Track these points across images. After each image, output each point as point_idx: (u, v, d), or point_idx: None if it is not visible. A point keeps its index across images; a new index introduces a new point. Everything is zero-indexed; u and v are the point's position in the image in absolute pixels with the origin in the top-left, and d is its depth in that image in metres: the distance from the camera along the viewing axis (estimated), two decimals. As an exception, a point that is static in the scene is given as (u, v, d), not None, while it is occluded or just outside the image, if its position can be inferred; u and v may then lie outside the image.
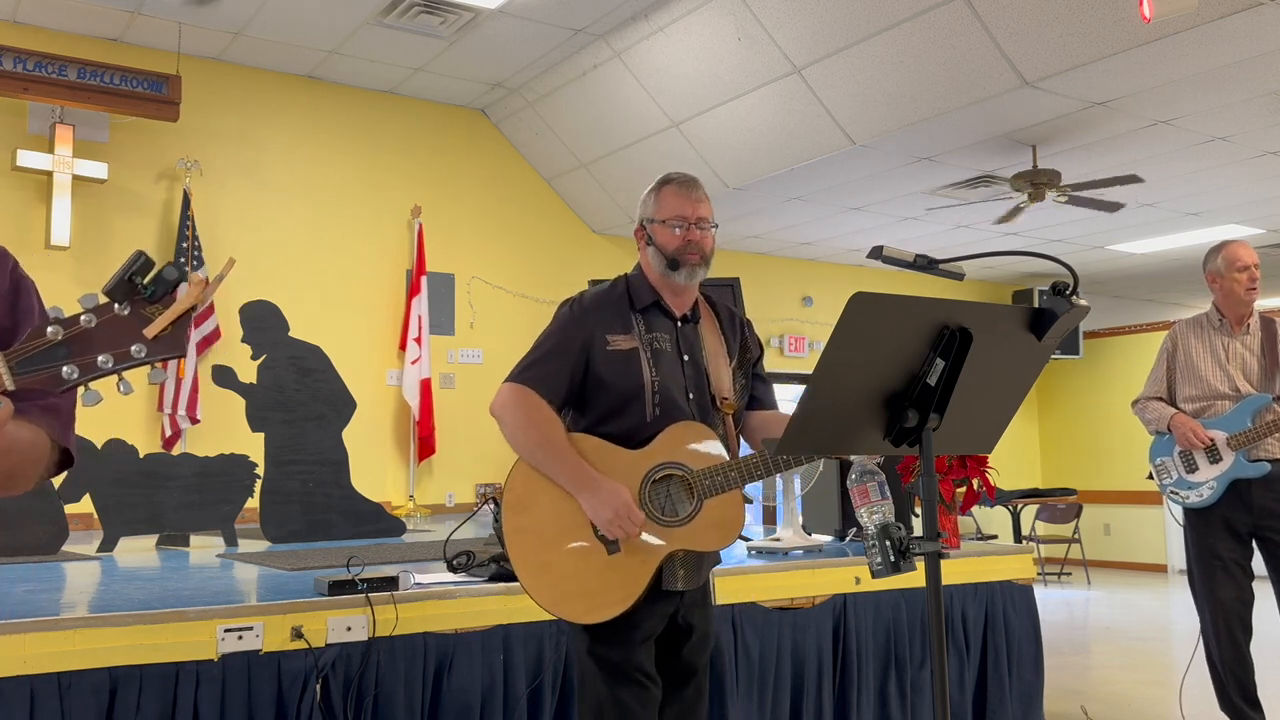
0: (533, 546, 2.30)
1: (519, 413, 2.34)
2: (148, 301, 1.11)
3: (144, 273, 1.11)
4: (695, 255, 2.41)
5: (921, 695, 3.73)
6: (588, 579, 2.27)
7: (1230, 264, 3.92)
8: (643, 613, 2.29)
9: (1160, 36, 4.84)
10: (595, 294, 2.47)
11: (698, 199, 2.45)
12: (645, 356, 2.39)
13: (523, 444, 2.35)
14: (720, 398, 2.45)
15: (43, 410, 1.30)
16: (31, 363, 1.08)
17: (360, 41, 6.79)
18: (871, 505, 1.94)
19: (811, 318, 9.80)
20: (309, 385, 4.82)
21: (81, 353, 1.09)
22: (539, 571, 2.28)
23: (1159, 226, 8.58)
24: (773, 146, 6.71)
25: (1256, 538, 3.86)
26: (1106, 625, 7.54)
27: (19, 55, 6.11)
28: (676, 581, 2.34)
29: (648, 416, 2.35)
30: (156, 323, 1.10)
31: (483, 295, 7.99)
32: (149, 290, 1.11)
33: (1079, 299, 1.81)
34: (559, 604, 2.27)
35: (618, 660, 2.28)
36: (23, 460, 1.27)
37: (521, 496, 2.34)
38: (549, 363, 2.38)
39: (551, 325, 2.45)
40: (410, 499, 7.46)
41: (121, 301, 1.10)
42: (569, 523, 2.29)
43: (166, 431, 6.59)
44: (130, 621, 2.50)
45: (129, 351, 1.10)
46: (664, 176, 2.50)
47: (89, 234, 6.39)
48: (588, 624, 2.28)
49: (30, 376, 1.08)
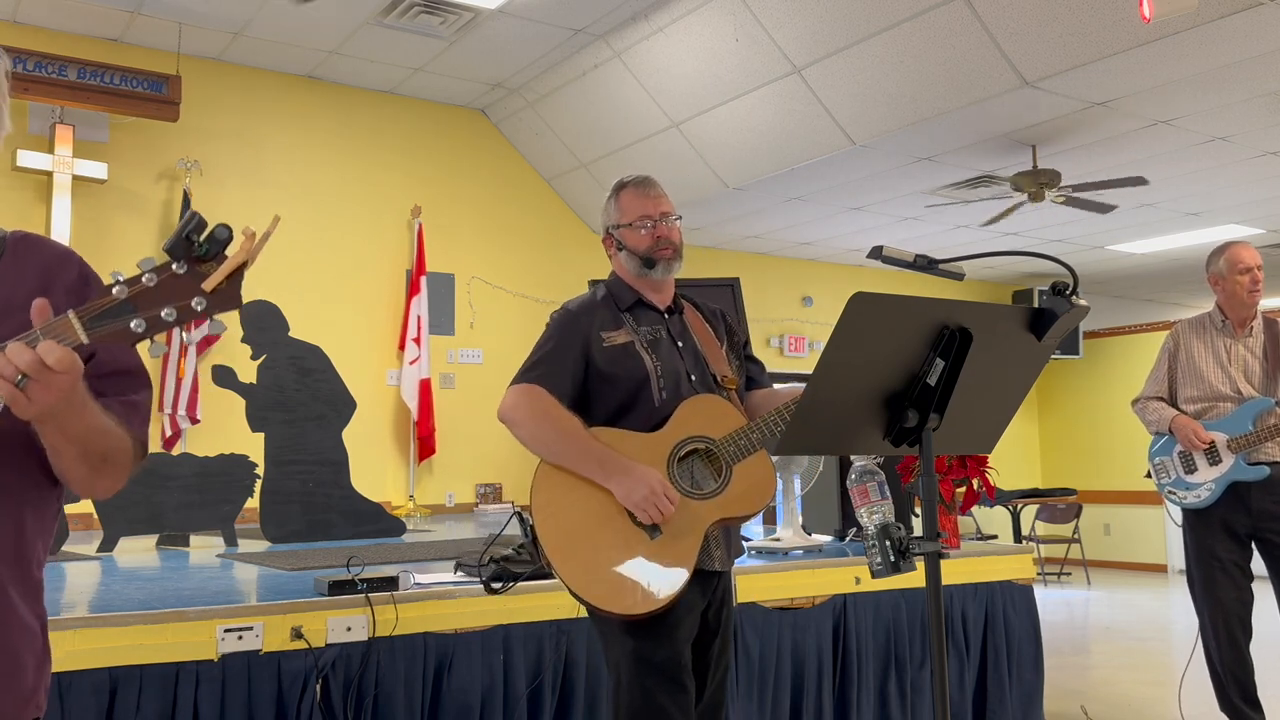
0: (575, 546, 2.25)
1: (532, 411, 2.33)
2: (201, 260, 1.19)
3: (199, 231, 1.20)
4: (668, 249, 2.45)
5: (921, 695, 3.73)
6: (636, 568, 2.23)
7: (1232, 266, 3.91)
8: (682, 607, 2.26)
9: (1160, 36, 4.84)
10: (580, 300, 2.50)
11: (657, 195, 2.48)
12: (642, 346, 2.41)
13: (541, 440, 2.32)
14: (721, 376, 2.46)
15: (123, 405, 1.37)
16: (103, 319, 1.16)
17: (360, 41, 6.79)
18: (871, 505, 1.94)
19: (811, 318, 9.80)
20: (309, 385, 4.82)
21: (147, 307, 1.17)
22: (586, 570, 2.23)
23: (1159, 226, 8.58)
24: (773, 146, 6.71)
25: (1256, 540, 3.86)
26: (1106, 625, 7.54)
27: (19, 55, 6.10)
28: (714, 561, 2.34)
29: (655, 402, 2.35)
30: (213, 277, 1.19)
31: (482, 295, 7.99)
32: (203, 249, 1.19)
33: (1079, 299, 1.81)
34: (612, 599, 2.21)
35: (661, 661, 2.24)
36: (115, 449, 1.33)
37: (551, 499, 2.29)
38: (552, 362, 2.39)
39: (546, 332, 2.47)
40: (410, 499, 7.46)
41: (179, 260, 1.18)
42: (605, 515, 2.26)
43: (166, 431, 6.59)
44: (130, 621, 2.51)
45: (190, 305, 1.18)
46: (618, 182, 2.53)
47: (89, 234, 6.38)
48: (636, 618, 2.21)
49: (102, 330, 1.16)
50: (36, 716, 1.39)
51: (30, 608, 1.37)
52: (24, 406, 1.17)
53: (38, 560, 1.40)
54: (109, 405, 1.34)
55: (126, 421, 1.36)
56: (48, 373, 1.15)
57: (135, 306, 1.17)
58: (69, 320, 1.16)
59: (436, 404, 7.52)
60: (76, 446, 1.28)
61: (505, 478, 7.84)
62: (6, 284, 1.35)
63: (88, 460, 1.31)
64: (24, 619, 1.35)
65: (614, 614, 2.22)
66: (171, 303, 1.17)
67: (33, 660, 1.37)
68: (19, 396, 1.16)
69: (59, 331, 1.16)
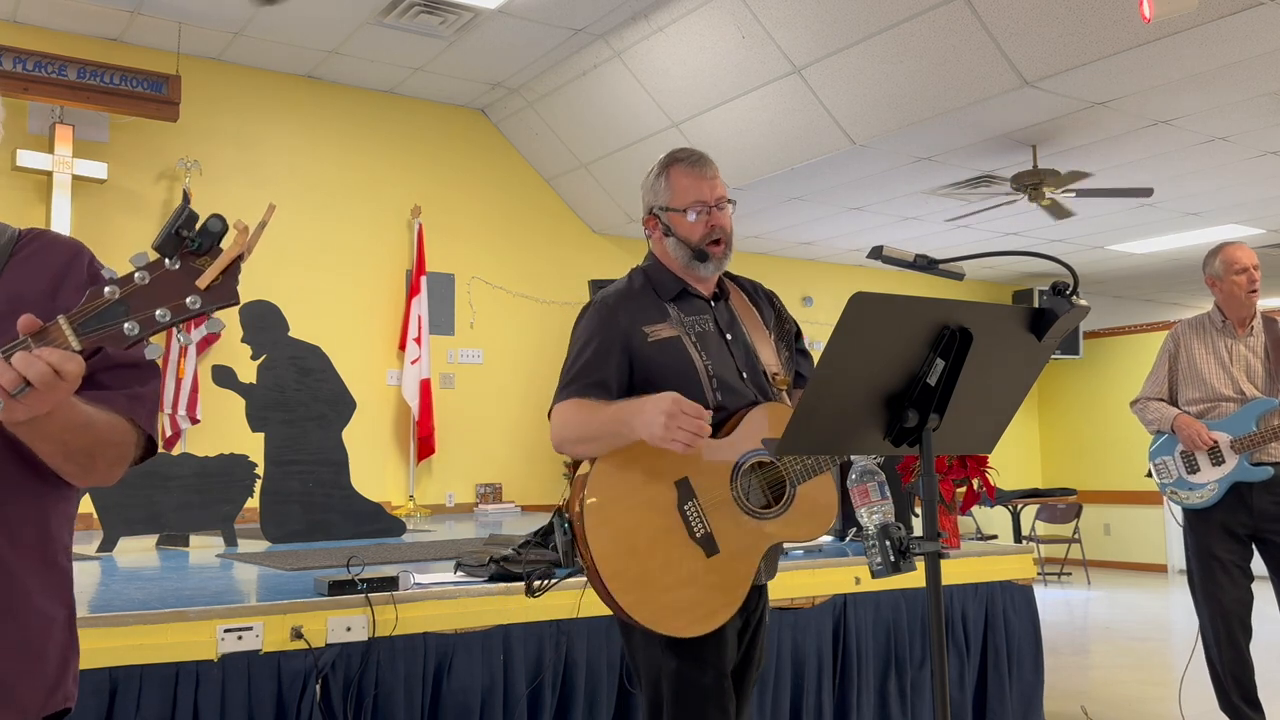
0: (625, 562, 2.06)
1: (566, 423, 2.14)
2: (195, 254, 1.14)
3: (189, 226, 1.14)
4: (721, 243, 2.25)
5: (921, 695, 3.73)
6: (689, 588, 2.07)
7: (1228, 267, 3.90)
8: (729, 627, 2.12)
9: (1160, 36, 4.84)
10: (615, 291, 2.26)
11: (713, 177, 2.26)
12: (690, 341, 2.20)
13: (580, 440, 2.13)
14: (771, 373, 2.28)
15: (127, 398, 1.34)
16: (94, 322, 1.12)
17: (360, 41, 6.79)
18: (871, 505, 1.94)
19: (811, 318, 9.79)
20: (309, 385, 4.82)
21: (140, 309, 1.12)
22: (637, 588, 2.06)
23: (1159, 226, 8.58)
24: (773, 146, 6.71)
25: (1256, 540, 3.86)
26: (1106, 625, 7.54)
27: (19, 55, 6.11)
28: (761, 575, 2.19)
29: (709, 404, 2.14)
30: (207, 273, 1.13)
31: (483, 295, 7.99)
32: (195, 243, 1.14)
33: (1079, 299, 1.81)
34: (662, 620, 2.05)
35: (707, 685, 2.10)
36: (102, 441, 1.29)
37: (600, 510, 2.08)
38: (592, 372, 2.17)
39: (580, 333, 2.23)
40: (410, 499, 7.46)
41: (171, 256, 1.13)
42: (658, 529, 2.08)
43: (167, 431, 6.59)
44: (130, 621, 2.50)
45: (184, 304, 1.13)
46: (669, 156, 2.29)
47: (89, 234, 6.38)
48: (684, 639, 2.07)
49: (94, 335, 1.12)
50: (67, 707, 1.36)
51: (56, 595, 1.35)
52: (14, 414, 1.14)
53: (64, 548, 1.38)
54: (113, 399, 1.31)
55: (131, 415, 1.34)
56: (57, 383, 1.11)
57: (129, 307, 1.12)
58: (60, 326, 1.12)
59: (437, 404, 7.52)
60: (53, 445, 1.25)
61: (505, 478, 7.84)
62: (18, 281, 1.34)
63: (71, 457, 1.28)
64: (41, 608, 1.33)
65: (663, 633, 2.07)
66: (166, 302, 1.13)
67: (56, 650, 1.35)
68: (15, 405, 1.12)
69: (50, 339, 1.12)
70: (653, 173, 2.32)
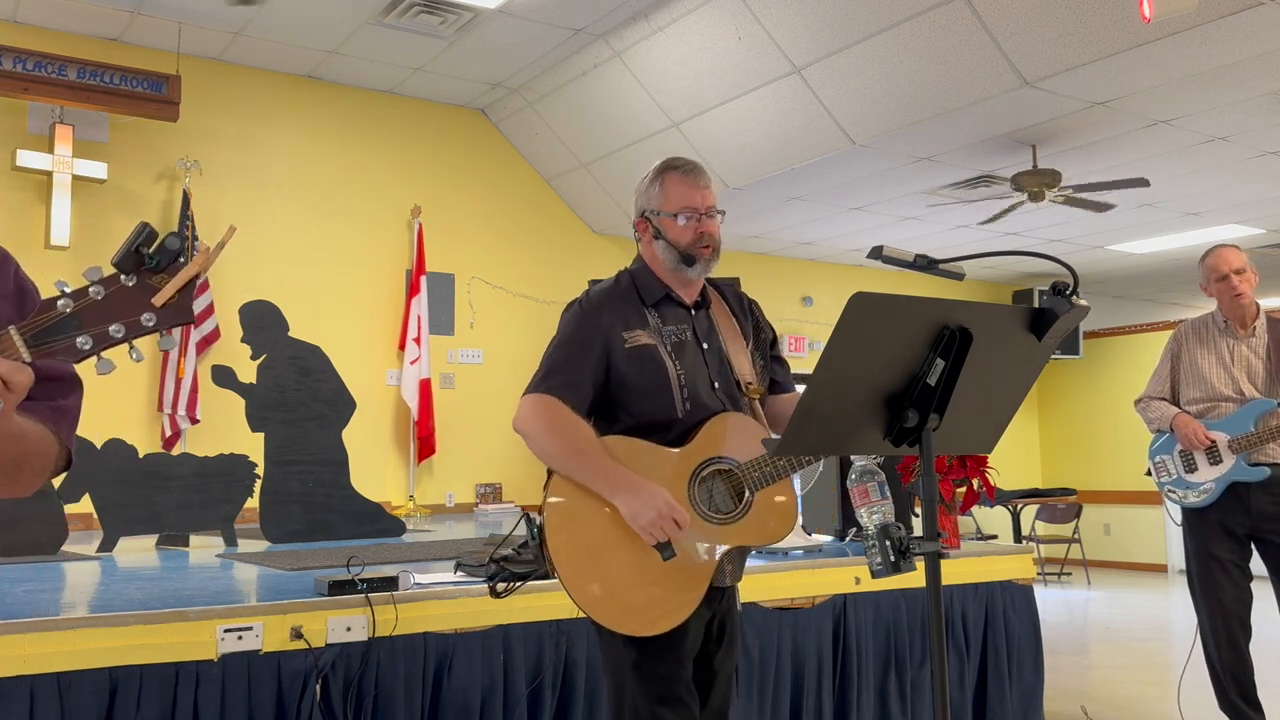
0: (584, 563, 2.16)
1: (543, 423, 2.22)
2: (152, 272, 1.14)
3: (149, 244, 1.14)
4: (709, 249, 2.32)
5: (921, 695, 3.73)
6: (647, 589, 2.15)
7: (1209, 274, 3.90)
8: (692, 622, 2.20)
9: (1160, 36, 4.84)
10: (601, 291, 2.35)
11: (705, 186, 2.34)
12: (665, 350, 2.29)
13: (552, 455, 2.22)
14: (745, 383, 2.36)
15: (51, 410, 1.32)
16: (46, 335, 1.10)
17: (360, 41, 6.79)
18: (871, 505, 1.94)
19: (811, 318, 9.80)
20: (309, 385, 4.81)
21: (94, 323, 1.11)
22: (595, 588, 2.15)
23: (1159, 226, 8.58)
24: (773, 146, 6.71)
25: (1255, 540, 3.86)
26: (1106, 625, 7.54)
27: (19, 55, 6.11)
28: (725, 577, 2.27)
29: (678, 412, 2.25)
30: (164, 291, 1.13)
31: (483, 295, 7.99)
32: (154, 260, 1.13)
33: (1079, 299, 1.81)
34: (620, 619, 2.15)
35: (664, 675, 2.18)
36: (30, 453, 1.28)
37: (562, 511, 2.19)
38: (569, 368, 2.26)
39: (563, 330, 2.32)
40: (410, 499, 7.46)
41: (129, 273, 1.13)
42: (618, 532, 2.16)
43: (166, 431, 6.59)
44: (130, 621, 2.50)
45: (139, 320, 1.12)
46: (664, 163, 2.38)
47: (89, 234, 6.38)
48: (644, 636, 2.15)
49: (46, 348, 1.10)
50: None
51: None
52: None
53: None
54: (38, 410, 1.28)
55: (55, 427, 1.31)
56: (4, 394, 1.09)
57: (82, 322, 1.10)
58: (10, 337, 1.10)
59: (436, 404, 7.52)
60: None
61: (505, 478, 7.84)
62: None
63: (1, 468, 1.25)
64: None
65: (620, 632, 2.16)
66: (121, 318, 1.11)
67: None
68: None
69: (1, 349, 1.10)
70: (647, 177, 2.41)
